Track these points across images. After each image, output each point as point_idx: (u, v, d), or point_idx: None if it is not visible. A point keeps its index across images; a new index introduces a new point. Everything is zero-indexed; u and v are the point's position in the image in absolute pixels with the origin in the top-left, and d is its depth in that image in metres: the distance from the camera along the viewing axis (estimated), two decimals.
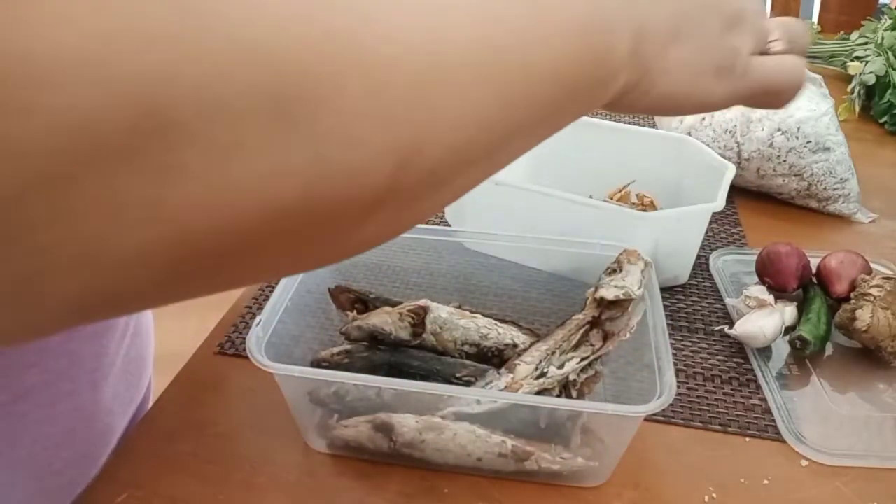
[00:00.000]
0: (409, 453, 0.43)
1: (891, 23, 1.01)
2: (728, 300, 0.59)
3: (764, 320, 0.54)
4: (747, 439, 0.48)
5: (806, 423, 0.48)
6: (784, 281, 0.58)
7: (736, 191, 0.76)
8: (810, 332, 0.53)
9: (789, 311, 0.56)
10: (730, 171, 0.62)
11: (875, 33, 1.04)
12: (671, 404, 0.43)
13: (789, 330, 0.55)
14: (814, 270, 0.60)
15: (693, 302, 0.61)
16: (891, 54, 0.98)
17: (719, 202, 0.58)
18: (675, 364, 0.52)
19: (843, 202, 0.74)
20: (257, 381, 0.50)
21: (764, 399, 0.51)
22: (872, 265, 0.60)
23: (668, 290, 0.62)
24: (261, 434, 0.47)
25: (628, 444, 0.43)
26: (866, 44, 1.07)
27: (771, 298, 0.56)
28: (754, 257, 0.62)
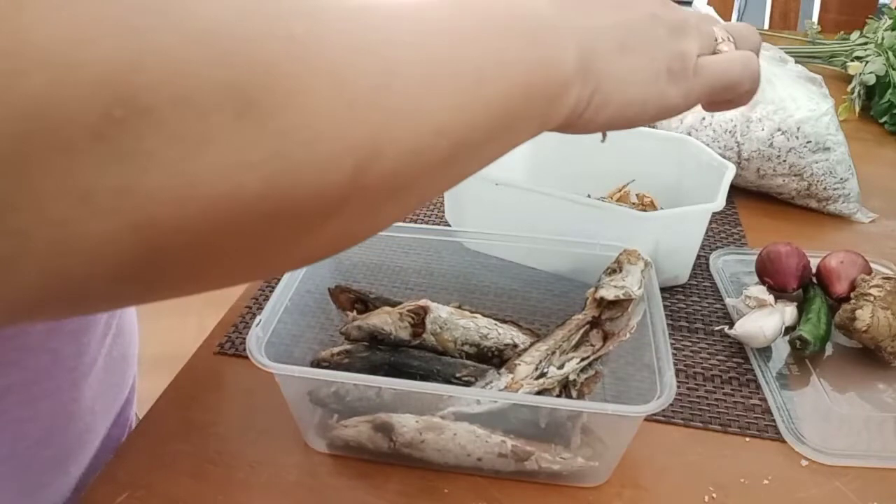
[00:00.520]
0: (409, 453, 0.43)
1: (891, 23, 1.01)
2: (728, 300, 0.59)
3: (764, 320, 0.54)
4: (747, 439, 0.48)
5: (806, 423, 0.48)
6: (784, 281, 0.58)
7: (736, 191, 0.76)
8: (810, 332, 0.53)
9: (789, 311, 0.56)
10: (730, 171, 0.62)
11: (875, 33, 1.04)
12: (671, 404, 0.43)
13: (789, 330, 0.55)
14: (814, 270, 0.60)
15: (693, 302, 0.61)
16: (891, 54, 0.98)
17: (719, 202, 0.58)
18: (675, 364, 0.52)
19: (843, 202, 0.74)
20: (257, 381, 0.50)
21: (764, 399, 0.51)
22: (872, 265, 0.60)
23: (668, 290, 0.62)
24: (261, 434, 0.47)
25: (628, 444, 0.43)
26: (866, 44, 1.07)
27: (771, 298, 0.56)
28: (754, 257, 0.62)
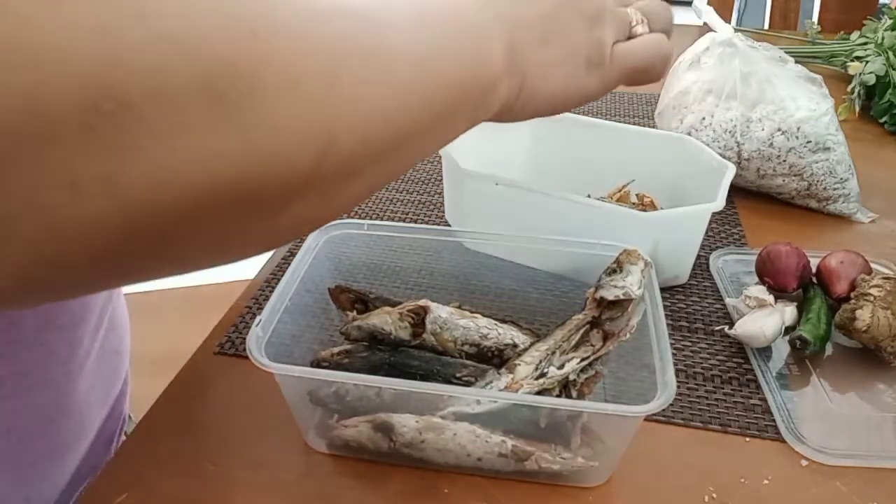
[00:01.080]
0: (409, 453, 0.43)
1: (891, 23, 1.01)
2: (728, 300, 0.59)
3: (764, 320, 0.54)
4: (747, 439, 0.48)
5: (806, 423, 0.48)
6: (784, 281, 0.58)
7: (736, 191, 0.76)
8: (810, 332, 0.53)
9: (789, 311, 0.56)
10: (730, 171, 0.62)
11: (875, 33, 1.04)
12: (671, 404, 0.43)
13: (789, 330, 0.55)
14: (814, 270, 0.60)
15: (693, 302, 0.61)
16: (891, 54, 0.98)
17: (719, 202, 0.58)
18: (675, 364, 0.52)
19: (843, 202, 0.74)
20: (257, 381, 0.50)
21: (764, 399, 0.51)
22: (872, 265, 0.60)
23: (668, 290, 0.62)
24: (261, 434, 0.47)
25: (628, 444, 0.43)
26: (866, 44, 1.07)
27: (771, 298, 0.56)
28: (754, 257, 0.62)
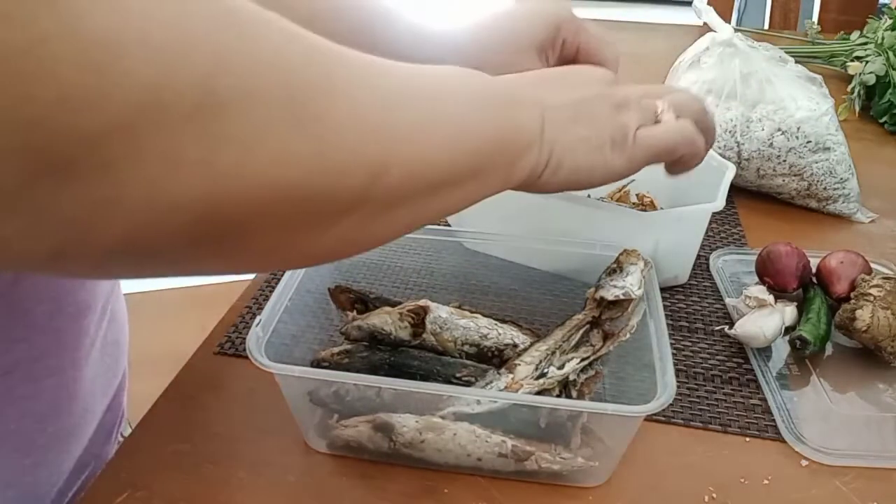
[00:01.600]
0: (409, 453, 0.43)
1: (891, 23, 1.01)
2: (728, 300, 0.59)
3: (764, 320, 0.54)
4: (747, 439, 0.48)
5: (806, 423, 0.48)
6: (784, 281, 0.58)
7: (736, 191, 0.76)
8: (810, 332, 0.53)
9: (789, 311, 0.56)
10: (730, 171, 0.62)
11: (875, 33, 1.04)
12: (671, 404, 0.43)
13: (789, 330, 0.55)
14: (814, 270, 0.60)
15: (693, 302, 0.61)
16: (891, 54, 0.98)
17: (719, 202, 0.58)
18: (675, 364, 0.52)
19: (843, 202, 0.74)
20: (257, 381, 0.50)
21: (764, 399, 0.51)
22: (872, 265, 0.60)
23: (668, 290, 0.62)
24: (261, 434, 0.47)
25: (628, 444, 0.43)
26: (866, 44, 1.07)
27: (771, 298, 0.56)
28: (754, 257, 0.62)
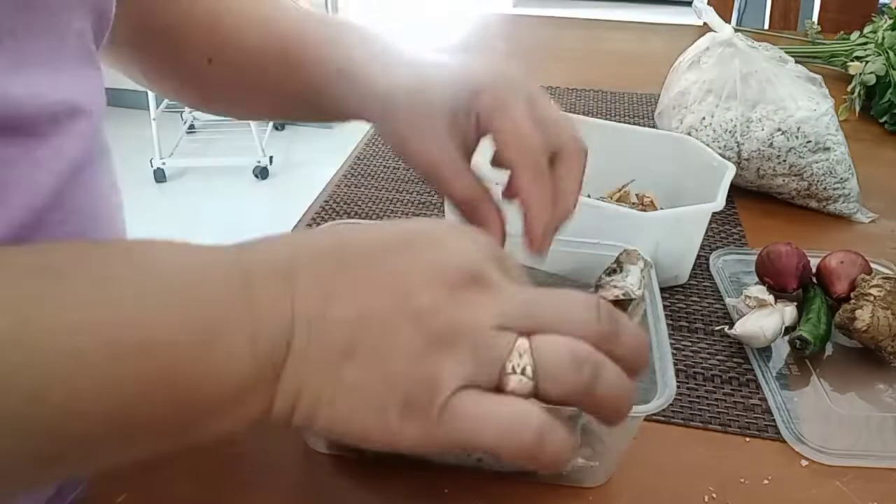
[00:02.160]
0: (409, 453, 0.43)
1: (891, 23, 1.01)
2: (728, 300, 0.59)
3: (764, 320, 0.54)
4: (747, 439, 0.48)
5: (806, 423, 0.48)
6: (784, 281, 0.58)
7: (736, 191, 0.76)
8: (810, 332, 0.53)
9: (789, 311, 0.56)
10: (730, 171, 0.62)
11: (875, 33, 1.04)
12: (671, 404, 0.43)
13: (789, 330, 0.55)
14: (814, 270, 0.60)
15: (693, 302, 0.61)
16: (891, 54, 0.98)
17: (719, 202, 0.58)
18: (675, 364, 0.52)
19: (843, 202, 0.74)
20: None
21: (764, 399, 0.50)
22: (872, 265, 0.60)
23: (668, 290, 0.62)
24: (261, 434, 0.47)
25: (628, 444, 0.43)
26: (866, 44, 1.07)
27: (771, 298, 0.56)
28: (754, 257, 0.62)
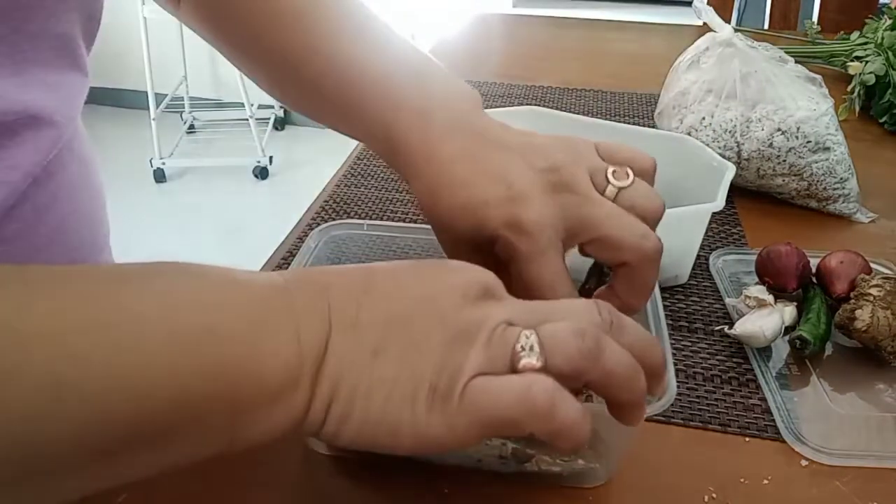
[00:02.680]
0: (410, 454, 0.43)
1: (891, 23, 1.01)
2: (728, 300, 0.59)
3: (764, 320, 0.54)
4: (747, 439, 0.48)
5: (806, 423, 0.48)
6: (784, 281, 0.58)
7: (736, 191, 0.76)
8: (810, 332, 0.53)
9: (789, 311, 0.56)
10: (730, 171, 0.62)
11: (875, 33, 1.04)
12: (671, 404, 0.43)
13: (789, 330, 0.55)
14: (814, 270, 0.60)
15: (693, 302, 0.61)
16: (891, 54, 0.98)
17: (719, 202, 0.58)
18: (675, 364, 0.52)
19: (843, 202, 0.74)
20: None
21: (764, 399, 0.51)
22: (872, 265, 0.60)
23: (668, 290, 0.62)
24: None
25: (628, 444, 0.43)
26: (866, 44, 1.07)
27: (771, 298, 0.56)
28: (754, 257, 0.62)
